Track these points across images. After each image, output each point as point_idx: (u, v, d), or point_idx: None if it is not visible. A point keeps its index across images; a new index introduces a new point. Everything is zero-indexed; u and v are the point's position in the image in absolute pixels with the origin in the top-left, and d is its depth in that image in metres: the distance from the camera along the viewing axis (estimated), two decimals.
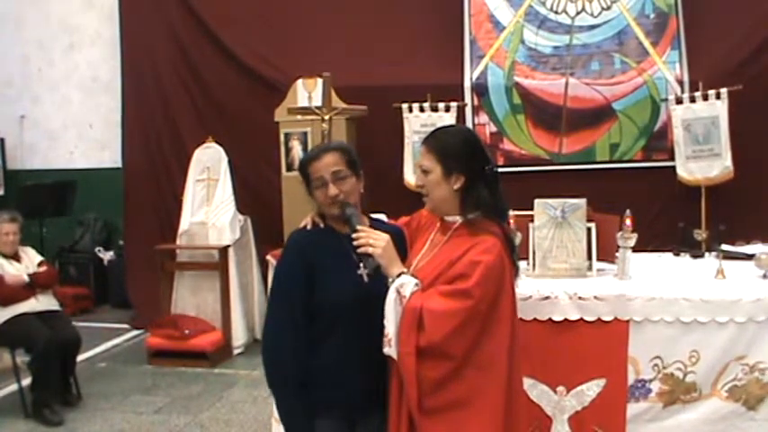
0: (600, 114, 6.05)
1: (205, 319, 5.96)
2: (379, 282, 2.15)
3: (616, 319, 3.09)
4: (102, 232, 7.80)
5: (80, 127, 7.91)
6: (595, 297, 3.10)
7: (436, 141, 2.24)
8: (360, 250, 2.15)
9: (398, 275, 2.12)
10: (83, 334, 4.98)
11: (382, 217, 2.60)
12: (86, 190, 7.33)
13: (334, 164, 2.26)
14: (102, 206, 7.65)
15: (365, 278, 2.17)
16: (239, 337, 6.04)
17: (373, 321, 2.13)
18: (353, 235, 2.16)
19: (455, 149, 2.20)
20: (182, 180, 6.40)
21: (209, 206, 6.21)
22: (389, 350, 2.10)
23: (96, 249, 7.62)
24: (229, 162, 6.27)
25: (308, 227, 2.35)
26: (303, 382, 2.22)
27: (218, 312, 5.95)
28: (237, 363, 5.78)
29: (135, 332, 6.61)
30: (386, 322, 2.10)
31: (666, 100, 5.88)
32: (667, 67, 5.97)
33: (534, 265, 3.40)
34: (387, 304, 2.11)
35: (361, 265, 2.19)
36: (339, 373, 2.23)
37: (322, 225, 2.33)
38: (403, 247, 2.33)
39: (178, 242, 6.21)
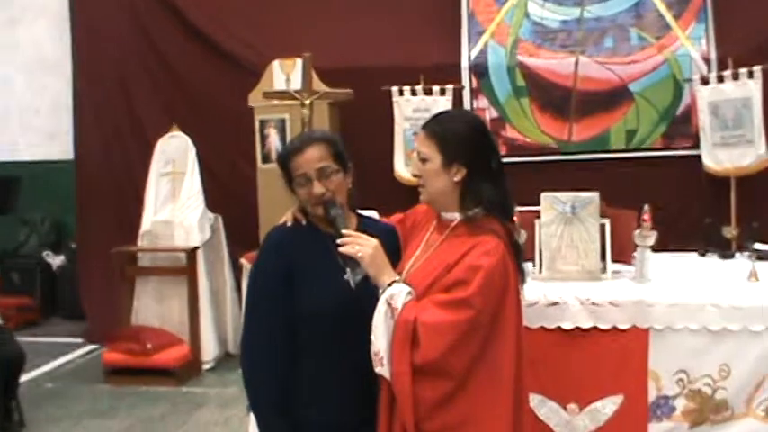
0: (614, 97, 6.07)
1: (170, 331, 5.94)
2: (369, 288, 2.15)
3: (634, 327, 3.10)
4: (51, 233, 7.76)
5: (25, 114, 7.84)
6: (610, 303, 3.11)
7: (439, 127, 2.24)
8: (343, 250, 2.13)
9: (389, 285, 2.12)
10: (28, 350, 4.93)
11: (373, 214, 2.60)
12: (32, 185, 7.29)
13: (319, 158, 2.25)
14: (50, 204, 7.60)
15: (352, 284, 2.17)
16: (209, 352, 6.03)
17: (361, 333, 2.13)
18: (338, 241, 2.15)
19: (459, 137, 2.20)
20: (143, 174, 6.38)
21: (174, 203, 6.20)
22: (381, 369, 2.10)
23: (44, 253, 7.58)
24: (197, 153, 6.26)
25: (289, 224, 2.34)
26: (286, 401, 2.22)
27: (185, 323, 5.94)
28: (207, 380, 5.77)
29: (89, 347, 6.59)
30: (373, 338, 2.10)
31: (690, 80, 5.90)
32: (692, 43, 5.99)
33: (541, 266, 3.41)
34: (376, 318, 2.11)
35: (347, 270, 2.18)
36: (323, 391, 2.23)
37: (304, 222, 2.33)
38: (396, 249, 2.34)
39: (139, 244, 6.19)
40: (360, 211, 2.45)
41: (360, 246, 2.14)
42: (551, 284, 3.28)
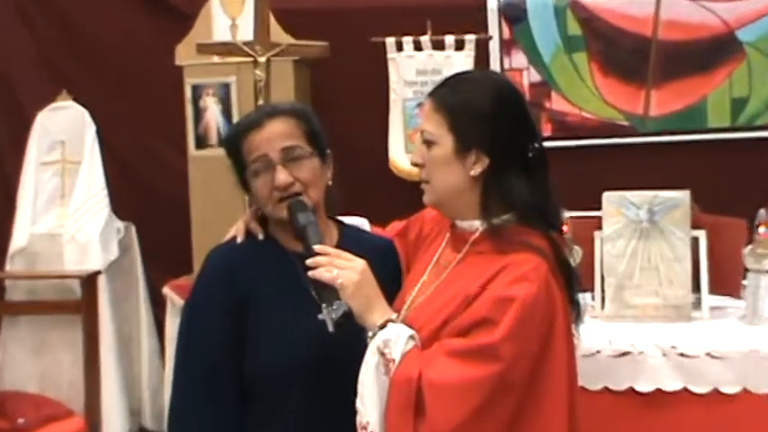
0: (715, 50, 6.07)
1: (54, 399, 5.96)
2: (353, 331, 2.17)
3: (745, 390, 3.14)
4: None
5: None
6: (708, 354, 3.14)
7: (452, 95, 2.27)
8: (314, 275, 2.15)
9: (382, 326, 2.15)
10: None
11: (362, 223, 2.63)
12: None
13: (284, 135, 2.30)
14: None
15: (330, 326, 2.18)
16: (115, 427, 6.02)
17: (342, 397, 2.16)
18: (308, 261, 2.17)
19: (480, 112, 2.22)
20: (14, 163, 6.41)
21: (64, 206, 6.21)
22: None
23: None
24: (98, 133, 6.28)
25: (239, 239, 2.38)
26: None
27: (78, 385, 5.94)
28: None
29: None
30: (360, 403, 2.12)
31: None
32: None
33: (604, 299, 3.45)
34: (363, 373, 2.13)
35: (323, 306, 2.18)
36: None
37: (261, 236, 2.37)
38: (393, 273, 2.39)
39: (8, 267, 6.19)
40: (342, 219, 2.50)
41: (340, 268, 2.15)
42: (619, 326, 3.31)
